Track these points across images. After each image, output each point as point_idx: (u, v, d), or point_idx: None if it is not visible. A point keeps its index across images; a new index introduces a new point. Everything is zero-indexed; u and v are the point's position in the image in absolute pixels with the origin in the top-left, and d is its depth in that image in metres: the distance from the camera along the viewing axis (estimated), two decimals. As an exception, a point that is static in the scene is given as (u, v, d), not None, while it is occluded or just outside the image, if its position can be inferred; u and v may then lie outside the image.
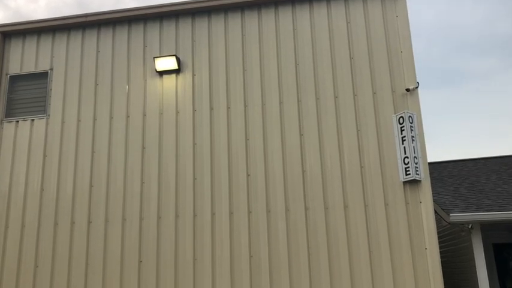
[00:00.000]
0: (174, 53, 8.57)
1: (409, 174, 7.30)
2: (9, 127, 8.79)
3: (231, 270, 7.47)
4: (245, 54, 8.45)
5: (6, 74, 9.08)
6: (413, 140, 7.41)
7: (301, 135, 7.91)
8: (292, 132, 7.94)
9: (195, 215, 7.80)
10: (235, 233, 7.64)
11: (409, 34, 8.04)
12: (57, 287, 7.81)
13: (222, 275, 7.47)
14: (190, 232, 7.74)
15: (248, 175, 7.86)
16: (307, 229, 7.49)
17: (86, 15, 8.93)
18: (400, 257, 7.13)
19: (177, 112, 8.37)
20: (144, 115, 8.43)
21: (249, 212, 7.69)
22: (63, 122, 8.63)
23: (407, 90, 7.74)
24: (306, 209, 7.57)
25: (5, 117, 8.84)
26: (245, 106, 8.20)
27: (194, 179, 7.97)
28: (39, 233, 8.13)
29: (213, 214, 7.76)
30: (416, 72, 7.86)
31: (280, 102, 8.12)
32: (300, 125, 7.95)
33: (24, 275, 7.96)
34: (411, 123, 7.48)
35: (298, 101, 8.08)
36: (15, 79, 9.05)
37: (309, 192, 7.64)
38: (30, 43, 9.16)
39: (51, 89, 8.85)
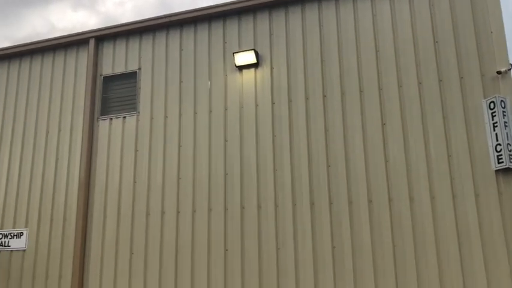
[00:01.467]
0: (252, 48, 8.74)
1: (502, 162, 6.84)
2: (104, 124, 9.51)
3: (314, 260, 7.52)
4: (323, 44, 8.39)
5: (100, 75, 9.81)
6: (506, 126, 6.93)
7: (383, 124, 7.72)
8: (374, 121, 7.77)
9: (276, 206, 7.94)
10: (317, 224, 7.66)
11: (500, 12, 7.49)
12: (151, 272, 8.36)
13: (305, 264, 7.54)
14: (272, 222, 7.89)
15: (328, 166, 7.84)
16: (391, 221, 7.32)
17: (169, 16, 9.37)
18: (494, 251, 6.73)
19: (256, 105, 8.54)
20: (226, 109, 8.70)
21: (330, 203, 7.68)
22: (151, 119, 9.17)
23: (499, 73, 7.24)
24: (390, 200, 7.40)
25: (100, 115, 9.58)
26: (324, 96, 8.16)
27: (275, 170, 8.11)
28: (133, 222, 8.74)
29: (294, 205, 7.85)
30: (509, 53, 7.33)
31: (361, 91, 7.98)
32: (381, 114, 7.77)
33: (121, 261, 8.61)
34: (503, 108, 7.00)
35: (380, 89, 7.88)
36: (108, 79, 9.76)
37: (392, 182, 7.46)
38: (120, 45, 9.81)
39: (140, 88, 9.43)
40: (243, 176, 8.27)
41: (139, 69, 9.53)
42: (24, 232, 9.38)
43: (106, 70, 9.82)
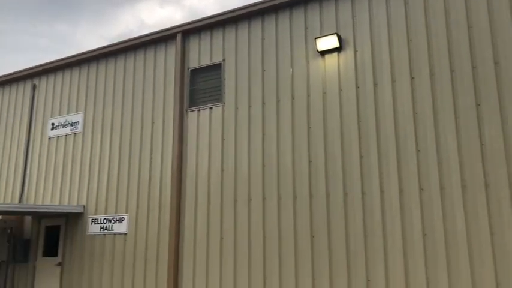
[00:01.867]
0: (334, 32, 8.57)
1: None
2: (192, 116, 9.93)
3: (404, 247, 7.28)
4: (409, 22, 7.99)
5: (188, 68, 10.23)
6: None
7: (477, 105, 7.20)
8: (468, 102, 7.27)
9: (363, 193, 7.78)
10: (406, 211, 7.39)
11: None
12: (240, 255, 8.64)
13: (395, 252, 7.33)
14: (359, 210, 7.76)
15: (418, 151, 7.50)
16: (488, 207, 6.84)
17: (251, 6, 9.47)
18: None
19: (340, 90, 8.38)
20: (308, 96, 8.65)
21: (421, 189, 7.36)
22: (236, 108, 9.40)
23: None
24: (486, 186, 6.91)
25: (189, 107, 10.01)
26: (412, 78, 7.79)
27: (361, 156, 7.93)
28: (222, 209, 9.07)
29: (381, 192, 7.64)
30: None
31: (452, 71, 7.49)
32: (475, 95, 7.24)
33: (212, 246, 9.00)
34: None
35: (473, 67, 7.35)
36: (195, 72, 10.16)
37: (489, 167, 6.95)
38: (205, 38, 10.14)
39: (224, 79, 9.69)
40: (327, 163, 8.20)
41: (224, 60, 9.79)
42: (125, 217, 10.16)
43: (193, 63, 10.21)
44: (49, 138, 11.82)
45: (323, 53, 8.62)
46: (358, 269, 7.56)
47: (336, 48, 8.47)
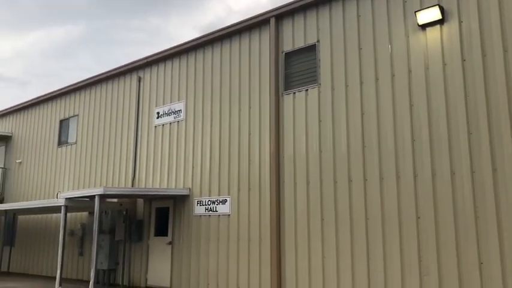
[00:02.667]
0: (436, 3, 8.11)
1: None
2: (288, 99, 10.04)
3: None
4: (523, -14, 7.31)
5: (282, 52, 10.32)
6: None
7: None
8: None
9: (472, 172, 7.37)
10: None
11: None
12: (342, 237, 8.66)
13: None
14: (468, 189, 7.37)
15: (536, 125, 6.92)
16: None
17: (344, -17, 9.28)
18: None
19: (444, 64, 7.95)
20: (410, 72, 8.32)
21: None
22: (332, 89, 9.32)
23: None
24: None
25: (284, 91, 10.12)
26: (527, 47, 7.16)
27: (469, 133, 7.50)
28: (322, 190, 9.12)
29: (494, 170, 7.18)
30: None
31: None
32: None
33: (313, 227, 9.11)
34: None
35: None
36: (289, 55, 10.22)
37: None
38: (298, 21, 10.13)
39: (319, 60, 9.64)
40: (432, 141, 7.86)
41: (318, 41, 9.73)
42: (228, 199, 10.63)
43: (287, 46, 10.28)
44: (155, 126, 12.67)
45: (424, 26, 8.21)
46: (470, 249, 7.21)
47: (439, 20, 8.02)
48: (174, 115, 12.22)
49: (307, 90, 9.74)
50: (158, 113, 12.66)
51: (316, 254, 8.95)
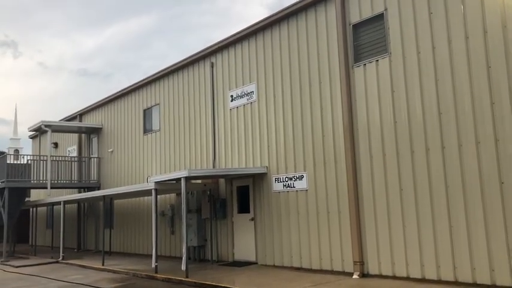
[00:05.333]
0: (511, -45, 7.61)
1: None
2: (358, 71, 9.97)
3: None
4: None
5: (349, 24, 10.23)
6: None
7: None
8: None
9: (561, 132, 6.96)
10: None
11: None
12: (422, 207, 8.60)
13: None
14: (557, 150, 6.98)
15: None
16: None
17: None
18: None
19: (525, 20, 7.48)
20: (485, 32, 7.93)
21: None
22: (404, 57, 9.13)
23: None
24: None
25: (354, 63, 10.06)
26: None
27: (555, 91, 7.06)
28: (399, 160, 9.05)
29: None
30: None
31: None
32: None
33: (392, 196, 9.12)
34: None
35: None
36: (357, 27, 10.11)
37: None
38: (364, -10, 9.96)
39: (388, 28, 9.45)
40: (514, 103, 7.50)
41: (386, 10, 9.52)
42: (304, 175, 10.89)
43: (354, 18, 10.16)
44: (230, 109, 13.17)
45: (499, -19, 7.75)
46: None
47: (515, -27, 7.53)
48: (247, 97, 12.61)
49: (377, 60, 9.61)
50: (232, 96, 13.13)
51: (396, 224, 8.98)
